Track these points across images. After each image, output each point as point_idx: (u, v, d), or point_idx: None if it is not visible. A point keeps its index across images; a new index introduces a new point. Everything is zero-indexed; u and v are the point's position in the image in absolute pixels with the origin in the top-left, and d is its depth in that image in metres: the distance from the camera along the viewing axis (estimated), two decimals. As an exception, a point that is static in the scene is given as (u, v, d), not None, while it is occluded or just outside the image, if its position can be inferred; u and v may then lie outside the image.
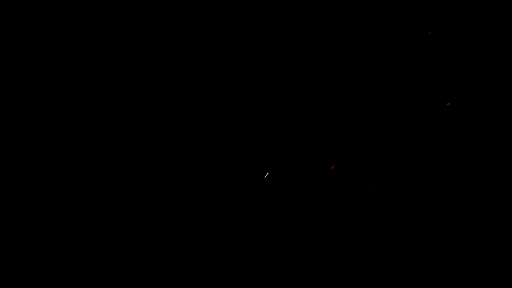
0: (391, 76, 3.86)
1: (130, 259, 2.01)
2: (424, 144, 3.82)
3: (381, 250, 2.61)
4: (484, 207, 3.14)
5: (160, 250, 2.20)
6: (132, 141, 3.50)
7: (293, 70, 3.71)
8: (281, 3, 3.39)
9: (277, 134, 3.46)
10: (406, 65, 3.84)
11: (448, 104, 3.77)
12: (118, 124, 3.58)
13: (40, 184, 2.99)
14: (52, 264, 1.90)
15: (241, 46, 3.59)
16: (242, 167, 3.29)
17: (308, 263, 2.45)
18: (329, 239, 2.81)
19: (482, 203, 3.18)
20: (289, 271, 2.28)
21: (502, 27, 3.49)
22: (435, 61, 3.79)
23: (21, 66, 2.96)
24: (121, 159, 3.47)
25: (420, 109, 3.85)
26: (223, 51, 3.44)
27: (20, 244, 2.21)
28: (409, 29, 3.81)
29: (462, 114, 3.74)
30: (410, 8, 3.58)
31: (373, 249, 2.63)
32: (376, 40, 3.74)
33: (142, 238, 2.37)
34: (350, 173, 3.81)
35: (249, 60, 3.57)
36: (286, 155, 3.67)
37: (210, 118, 3.06)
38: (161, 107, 3.42)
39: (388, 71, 3.86)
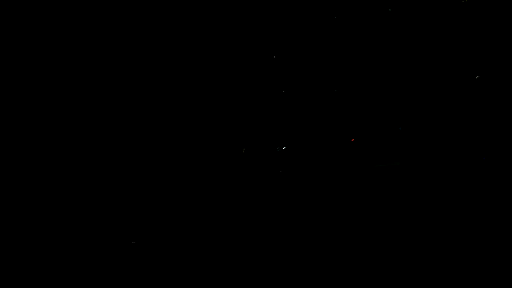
0: (416, 50, 3.82)
1: (129, 257, 2.03)
2: (449, 122, 3.75)
3: (398, 226, 2.63)
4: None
5: (162, 245, 2.21)
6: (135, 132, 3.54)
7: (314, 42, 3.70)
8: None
9: (298, 106, 3.47)
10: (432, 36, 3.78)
11: (477, 77, 3.67)
12: (121, 121, 3.63)
13: (39, 183, 3.05)
14: (52, 263, 1.94)
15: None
16: (260, 141, 3.31)
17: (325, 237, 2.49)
18: (347, 214, 2.85)
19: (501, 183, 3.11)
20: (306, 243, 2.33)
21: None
22: (460, 32, 3.71)
23: (20, 66, 3.02)
24: (122, 153, 3.53)
25: (446, 83, 3.78)
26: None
27: (20, 243, 2.23)
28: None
29: (489, 90, 3.64)
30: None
31: (390, 225, 2.64)
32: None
33: (142, 235, 2.37)
34: (371, 147, 3.81)
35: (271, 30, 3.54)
36: (307, 127, 3.70)
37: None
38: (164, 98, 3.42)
39: (412, 43, 3.83)
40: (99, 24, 3.43)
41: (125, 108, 3.36)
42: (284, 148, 4.47)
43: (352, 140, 4.46)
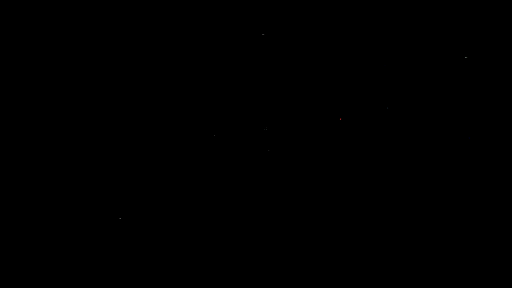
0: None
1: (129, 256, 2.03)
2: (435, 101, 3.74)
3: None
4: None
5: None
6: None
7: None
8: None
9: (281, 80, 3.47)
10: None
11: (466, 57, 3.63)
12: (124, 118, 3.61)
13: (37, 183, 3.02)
14: (51, 263, 1.93)
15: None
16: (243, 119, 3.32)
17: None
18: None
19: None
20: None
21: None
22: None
23: (18, 66, 3.00)
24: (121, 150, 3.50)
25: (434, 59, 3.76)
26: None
27: (19, 243, 2.23)
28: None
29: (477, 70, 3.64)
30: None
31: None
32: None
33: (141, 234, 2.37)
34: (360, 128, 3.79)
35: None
36: (294, 107, 3.70)
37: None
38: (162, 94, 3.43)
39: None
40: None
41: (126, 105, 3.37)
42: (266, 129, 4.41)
43: (340, 119, 4.42)
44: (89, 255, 1.97)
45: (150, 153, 2.90)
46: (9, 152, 2.74)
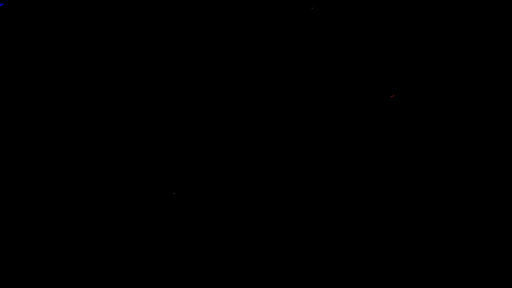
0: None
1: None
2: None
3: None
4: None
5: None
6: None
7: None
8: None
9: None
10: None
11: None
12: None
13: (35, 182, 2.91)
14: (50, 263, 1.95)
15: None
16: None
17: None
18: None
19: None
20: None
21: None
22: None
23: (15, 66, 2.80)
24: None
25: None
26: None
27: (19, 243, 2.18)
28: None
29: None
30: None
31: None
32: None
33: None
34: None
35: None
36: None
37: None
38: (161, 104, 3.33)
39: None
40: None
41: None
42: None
43: (392, 96, 4.29)
44: (89, 255, 1.99)
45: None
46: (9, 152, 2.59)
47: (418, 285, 1.64)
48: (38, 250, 2.09)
